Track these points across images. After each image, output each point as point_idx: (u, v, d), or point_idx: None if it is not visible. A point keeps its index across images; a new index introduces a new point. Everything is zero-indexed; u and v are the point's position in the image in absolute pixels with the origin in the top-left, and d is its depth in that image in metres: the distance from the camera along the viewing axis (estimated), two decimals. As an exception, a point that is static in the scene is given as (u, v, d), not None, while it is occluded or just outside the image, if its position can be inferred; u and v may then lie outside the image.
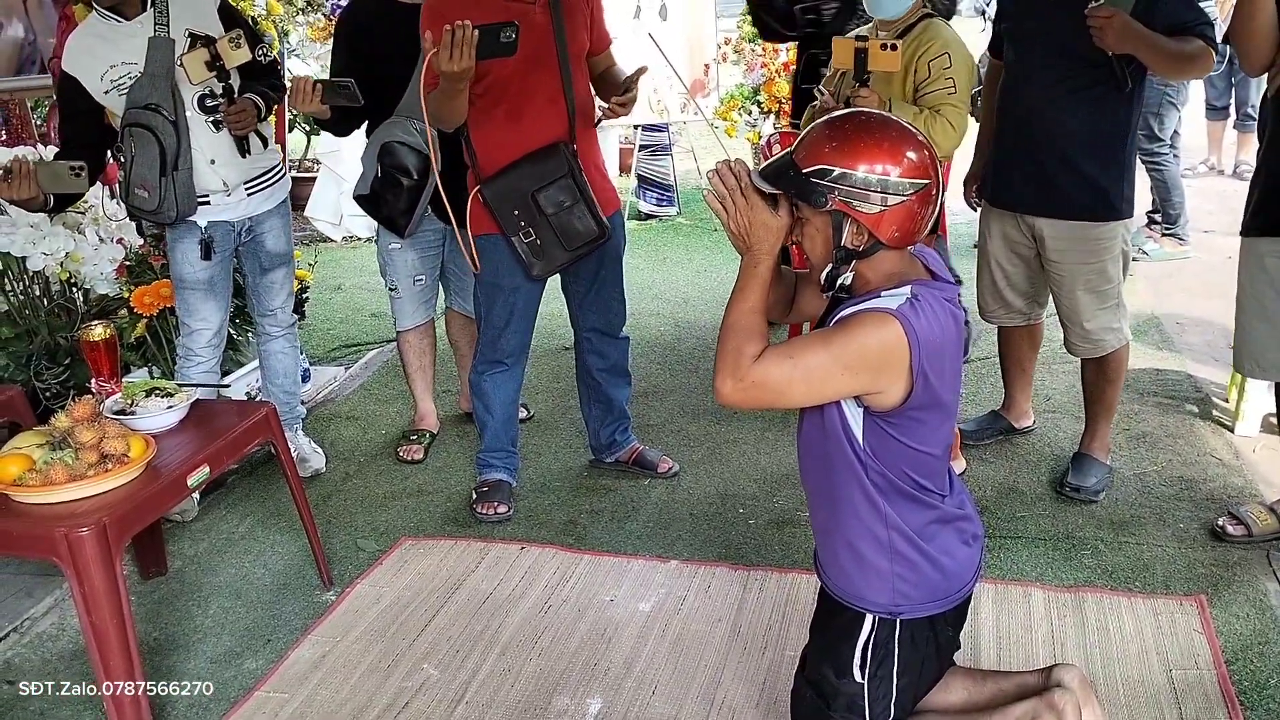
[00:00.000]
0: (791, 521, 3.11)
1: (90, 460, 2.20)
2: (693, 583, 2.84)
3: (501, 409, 3.28)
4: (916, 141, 1.80)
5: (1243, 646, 2.48)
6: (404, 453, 3.69)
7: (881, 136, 1.79)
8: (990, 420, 3.55)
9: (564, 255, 2.99)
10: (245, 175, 3.21)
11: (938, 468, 1.95)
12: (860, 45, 2.84)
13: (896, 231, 1.80)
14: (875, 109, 2.19)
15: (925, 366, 1.78)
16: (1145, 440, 3.47)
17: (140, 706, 2.19)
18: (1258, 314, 2.78)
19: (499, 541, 3.09)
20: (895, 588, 1.94)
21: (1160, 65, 2.80)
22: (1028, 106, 3.02)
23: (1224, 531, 2.90)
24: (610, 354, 3.32)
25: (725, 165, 1.87)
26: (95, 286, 3.57)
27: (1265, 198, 2.72)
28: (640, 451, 3.44)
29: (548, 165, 2.91)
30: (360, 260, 6.15)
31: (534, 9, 2.78)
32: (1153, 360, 4.08)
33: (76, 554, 2.09)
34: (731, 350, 1.82)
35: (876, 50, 2.81)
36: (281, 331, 3.49)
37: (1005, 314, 3.33)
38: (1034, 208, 3.06)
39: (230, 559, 3.08)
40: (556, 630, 2.67)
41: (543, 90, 2.89)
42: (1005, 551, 2.89)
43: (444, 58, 2.54)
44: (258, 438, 2.68)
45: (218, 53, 2.98)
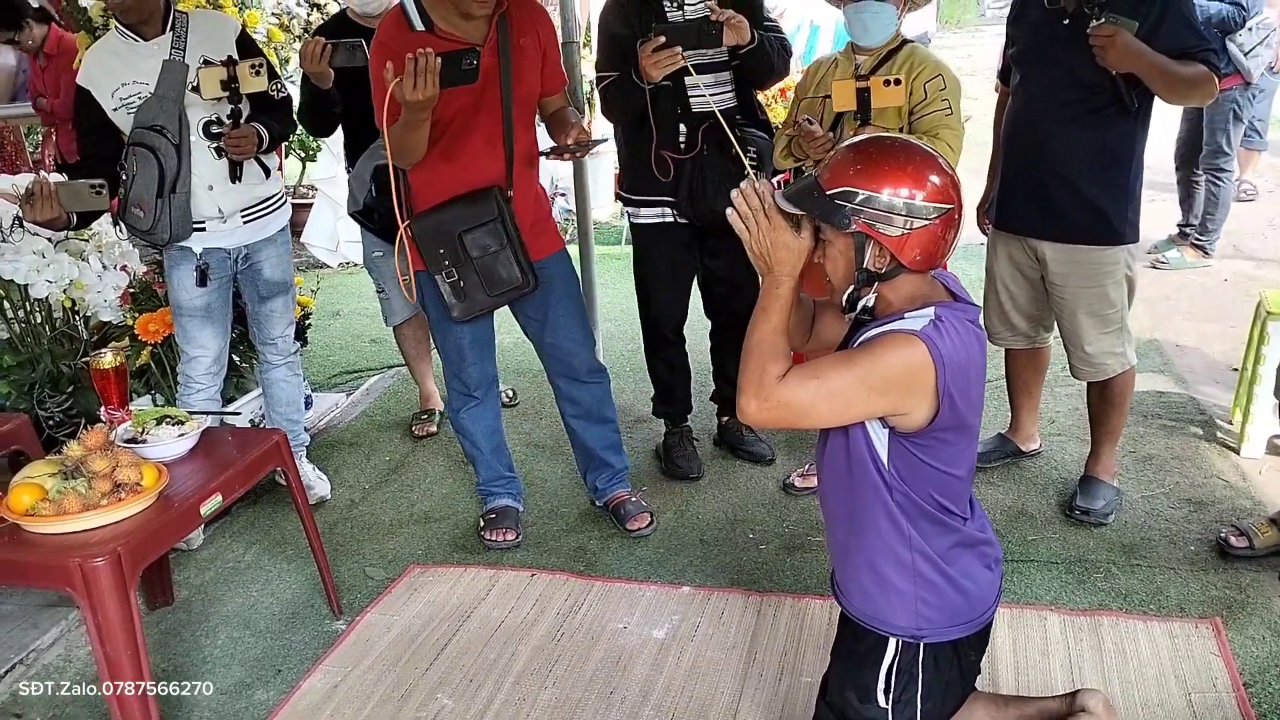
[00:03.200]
0: (802, 546, 3.10)
1: (103, 489, 2.18)
2: (706, 609, 2.83)
3: (487, 440, 3.26)
4: (940, 166, 1.81)
5: (1260, 669, 2.48)
6: (417, 430, 4.06)
7: (906, 160, 1.80)
8: (997, 443, 3.55)
9: (486, 300, 2.94)
10: (242, 203, 3.20)
11: (962, 490, 1.95)
12: (862, 85, 2.84)
13: (919, 255, 1.81)
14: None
15: (951, 387, 1.78)
16: (1152, 463, 3.48)
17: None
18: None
19: (508, 569, 3.08)
20: (918, 611, 1.93)
21: (1162, 87, 2.82)
22: (1033, 131, 3.03)
23: (1227, 544, 2.93)
24: (581, 399, 3.23)
25: (750, 185, 1.87)
26: (99, 314, 3.55)
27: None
28: (620, 502, 3.30)
29: (478, 208, 2.87)
30: (358, 286, 6.14)
31: (481, 50, 2.73)
32: (1154, 383, 4.10)
33: (91, 584, 2.07)
34: (755, 370, 1.82)
35: (880, 88, 2.82)
36: (283, 360, 3.48)
37: (1011, 336, 3.34)
38: (1037, 231, 3.08)
39: (237, 588, 3.06)
40: (570, 658, 2.65)
41: (482, 132, 2.86)
42: (1019, 575, 2.88)
43: (408, 86, 2.52)
44: (269, 465, 2.66)
45: (235, 75, 2.98)
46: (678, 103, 3.16)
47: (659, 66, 2.93)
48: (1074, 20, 2.80)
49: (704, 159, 3.18)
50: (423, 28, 2.75)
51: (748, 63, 3.12)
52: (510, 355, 4.56)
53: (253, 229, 3.27)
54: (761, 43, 3.08)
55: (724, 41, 2.95)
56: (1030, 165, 3.05)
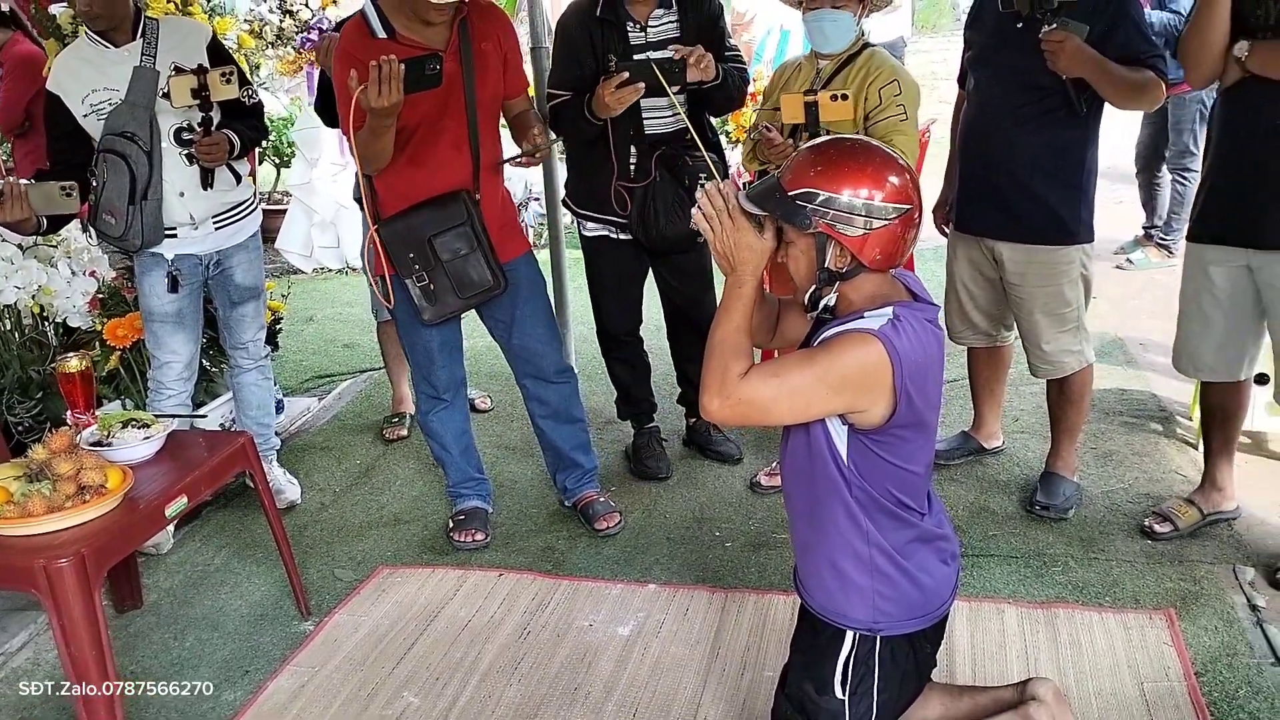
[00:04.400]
0: (767, 543, 3.14)
1: (68, 491, 2.20)
2: (671, 606, 2.86)
3: (456, 443, 3.29)
4: (899, 167, 1.86)
5: (1211, 658, 2.53)
6: (388, 433, 4.06)
7: (865, 162, 1.84)
8: (961, 441, 3.60)
9: (457, 302, 2.97)
10: (213, 210, 3.22)
11: (919, 486, 1.99)
12: (810, 99, 2.89)
13: (879, 254, 1.85)
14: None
15: (908, 386, 1.82)
16: (1112, 458, 3.54)
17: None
18: (1197, 318, 2.90)
19: (477, 569, 3.10)
20: (875, 605, 1.97)
21: (1111, 92, 2.89)
22: (989, 134, 3.09)
23: (1152, 531, 3.03)
24: (549, 399, 3.25)
25: (714, 186, 1.90)
26: (68, 319, 3.56)
27: (1208, 206, 2.83)
28: (589, 502, 3.32)
29: (447, 211, 2.89)
30: (332, 292, 6.15)
31: (444, 55, 2.77)
32: (1118, 380, 4.16)
33: (55, 585, 2.09)
34: (718, 368, 1.85)
35: (827, 102, 2.87)
36: (253, 364, 3.49)
37: (972, 335, 3.40)
38: (995, 232, 3.13)
39: (206, 591, 3.07)
40: (536, 656, 2.68)
41: (448, 137, 2.89)
42: (979, 569, 2.93)
43: (373, 93, 2.55)
44: (235, 468, 2.68)
45: (206, 83, 2.99)
46: (630, 126, 3.18)
47: (621, 103, 2.96)
48: (1027, 24, 2.86)
49: (655, 186, 3.21)
50: (385, 35, 2.78)
51: (709, 95, 3.17)
52: (483, 359, 4.59)
53: (224, 235, 3.28)
54: (725, 79, 3.13)
55: (687, 79, 2.99)
56: (986, 167, 3.11)
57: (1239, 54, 2.62)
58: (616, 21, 3.16)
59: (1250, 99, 2.66)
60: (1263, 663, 2.51)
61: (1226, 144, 2.76)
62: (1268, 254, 2.71)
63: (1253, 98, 2.65)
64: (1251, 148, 2.69)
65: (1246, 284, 2.79)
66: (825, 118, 2.89)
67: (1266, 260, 2.72)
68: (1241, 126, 2.71)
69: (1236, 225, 2.75)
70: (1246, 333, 2.87)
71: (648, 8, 3.17)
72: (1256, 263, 2.75)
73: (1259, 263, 2.74)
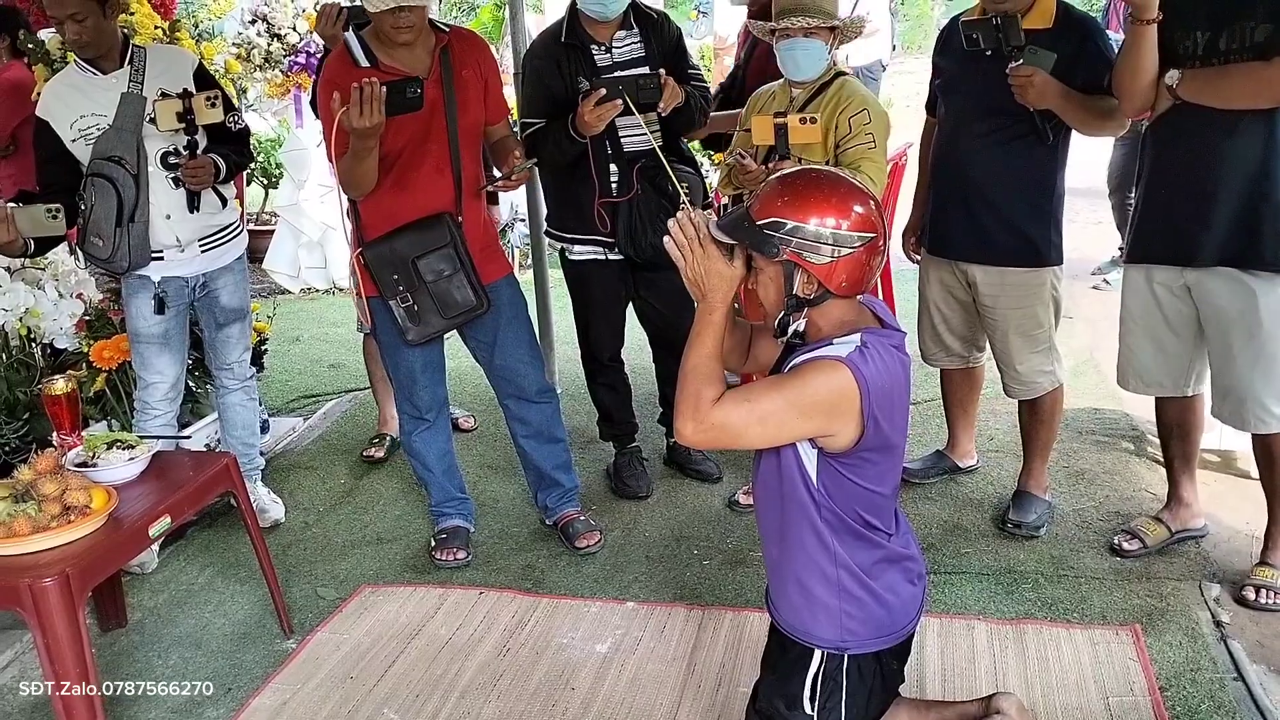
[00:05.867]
0: (744, 561, 3.19)
1: (53, 512, 2.24)
2: (649, 623, 2.91)
3: (439, 462, 3.33)
4: (864, 197, 1.92)
5: (1176, 673, 2.59)
6: (367, 454, 4.05)
7: (831, 191, 1.90)
8: (935, 460, 3.66)
9: (440, 323, 3.02)
10: (200, 233, 3.27)
11: (887, 507, 2.05)
12: (780, 122, 2.96)
13: (845, 281, 1.91)
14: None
15: (875, 410, 1.88)
16: (1084, 477, 3.60)
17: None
18: (1137, 334, 3.00)
19: (457, 587, 3.14)
20: (842, 624, 2.02)
21: (1077, 121, 2.97)
22: (959, 159, 3.16)
23: (1121, 549, 3.09)
24: (531, 419, 3.29)
25: (685, 215, 1.96)
26: (55, 341, 3.60)
27: (1143, 227, 2.93)
28: (570, 521, 3.36)
29: (430, 233, 2.95)
30: (319, 312, 6.19)
31: (427, 81, 2.84)
32: (1091, 400, 4.23)
33: (40, 604, 2.13)
34: (691, 394, 1.91)
35: (796, 125, 2.94)
36: (239, 384, 3.54)
37: (945, 357, 3.46)
38: (967, 254, 3.20)
39: (190, 610, 3.11)
40: (515, 673, 2.72)
41: (431, 160, 2.95)
42: (950, 587, 2.99)
43: (354, 115, 2.62)
44: (218, 488, 2.72)
45: (191, 107, 3.05)
46: (609, 145, 3.25)
47: (602, 119, 3.04)
48: (996, 50, 2.93)
49: (639, 200, 3.28)
50: (367, 63, 2.85)
51: (674, 118, 3.24)
52: (467, 379, 4.63)
53: (210, 258, 3.33)
54: (688, 100, 3.20)
55: (661, 99, 3.06)
56: (957, 191, 3.18)
57: (1170, 82, 2.71)
58: (581, 45, 3.25)
59: (1179, 124, 2.76)
60: (1225, 677, 2.57)
61: (1159, 168, 2.86)
62: (1201, 271, 2.80)
63: (1182, 123, 2.75)
64: (1183, 170, 2.78)
65: (1185, 300, 2.88)
66: (794, 140, 2.96)
67: (1200, 277, 2.81)
68: (1173, 151, 2.80)
69: (1172, 245, 2.85)
70: (1188, 348, 2.95)
71: (610, 29, 3.26)
72: (1193, 279, 2.83)
73: (1194, 279, 2.83)
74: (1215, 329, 2.84)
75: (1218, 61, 2.66)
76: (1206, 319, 2.86)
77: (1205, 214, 2.74)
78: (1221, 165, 2.70)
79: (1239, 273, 2.74)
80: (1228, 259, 2.75)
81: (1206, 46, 2.66)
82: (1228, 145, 2.69)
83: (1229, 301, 2.78)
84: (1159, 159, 2.86)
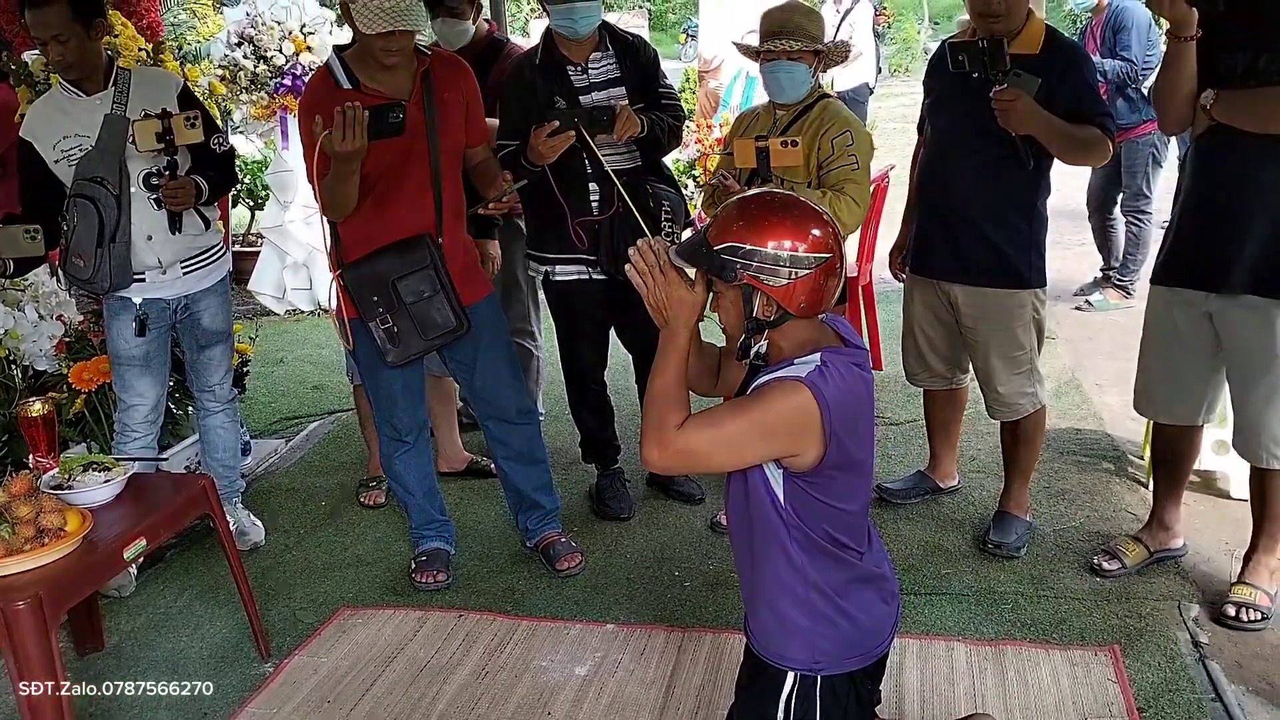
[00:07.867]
0: (724, 583, 3.19)
1: (27, 535, 2.23)
2: (628, 646, 2.90)
3: (419, 485, 3.32)
4: (820, 219, 1.93)
5: (1155, 694, 2.59)
6: (365, 499, 3.88)
7: (785, 215, 1.91)
8: (916, 480, 3.67)
9: (420, 344, 3.02)
10: (182, 254, 3.27)
11: (856, 524, 2.04)
12: (761, 145, 2.99)
13: (804, 302, 1.92)
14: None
15: (837, 428, 1.89)
16: (1064, 497, 3.61)
17: (74, 782, 2.20)
18: (1158, 360, 2.97)
19: (437, 609, 3.13)
20: (815, 645, 2.02)
21: (1059, 149, 2.99)
22: (944, 179, 3.19)
23: (1100, 569, 3.09)
24: (511, 441, 3.29)
25: (645, 243, 1.98)
26: (34, 363, 3.59)
27: (1174, 249, 2.88)
28: (550, 542, 3.35)
29: (410, 255, 2.96)
30: (303, 334, 6.19)
31: (409, 104, 2.85)
32: (1073, 420, 4.24)
33: (12, 628, 2.12)
34: (656, 419, 1.91)
35: (778, 148, 2.97)
36: (220, 406, 3.53)
37: (929, 378, 3.47)
38: (949, 275, 3.22)
39: (168, 633, 3.09)
40: (493, 696, 2.71)
41: (412, 182, 2.96)
42: (930, 607, 2.99)
43: (337, 138, 2.64)
44: (195, 511, 2.72)
45: (170, 127, 3.05)
46: (588, 164, 3.27)
47: (554, 151, 3.07)
48: (982, 73, 2.95)
49: (619, 217, 3.27)
50: (349, 86, 2.86)
51: (641, 142, 3.26)
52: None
53: (192, 280, 3.33)
54: (650, 129, 3.22)
55: (615, 130, 3.08)
56: (941, 212, 3.20)
57: (1205, 102, 2.68)
58: (557, 67, 3.27)
59: (1216, 146, 2.72)
60: (1204, 698, 2.57)
61: (1194, 189, 2.81)
62: (1226, 298, 2.75)
63: (1218, 144, 2.71)
64: (1217, 194, 2.75)
65: (1207, 329, 2.84)
66: (776, 163, 2.98)
67: (1225, 304, 2.76)
68: (1208, 172, 2.77)
69: (1199, 269, 2.80)
70: (1207, 378, 2.91)
71: (585, 51, 3.29)
72: (1215, 306, 2.79)
73: (1218, 306, 2.79)
74: (1236, 360, 2.81)
75: (1257, 83, 2.61)
76: (1228, 350, 2.82)
77: (1236, 238, 2.70)
78: (1255, 189, 2.66)
79: (1265, 301, 2.69)
80: (1255, 286, 2.70)
81: (1247, 67, 2.62)
82: (1263, 169, 2.64)
83: (1252, 332, 2.74)
84: (1194, 180, 2.80)
